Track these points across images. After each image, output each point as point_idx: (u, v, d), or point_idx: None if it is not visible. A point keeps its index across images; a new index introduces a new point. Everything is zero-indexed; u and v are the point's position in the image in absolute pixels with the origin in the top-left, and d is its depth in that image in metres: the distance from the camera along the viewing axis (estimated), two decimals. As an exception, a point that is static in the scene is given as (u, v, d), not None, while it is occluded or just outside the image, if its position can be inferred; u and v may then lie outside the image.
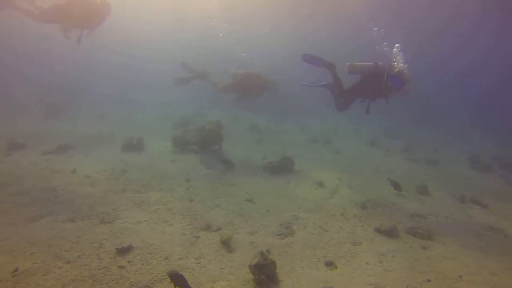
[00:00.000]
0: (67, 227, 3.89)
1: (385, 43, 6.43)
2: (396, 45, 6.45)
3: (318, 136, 11.29)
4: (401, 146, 11.26)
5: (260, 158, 7.77)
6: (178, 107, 15.23)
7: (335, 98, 6.62)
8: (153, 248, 3.65)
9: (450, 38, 25.78)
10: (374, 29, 6.50)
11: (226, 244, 3.90)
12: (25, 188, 5.01)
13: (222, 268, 3.42)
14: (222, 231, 4.25)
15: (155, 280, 3.08)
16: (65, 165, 6.12)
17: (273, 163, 7.01)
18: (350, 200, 5.71)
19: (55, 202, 4.61)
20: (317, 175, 6.88)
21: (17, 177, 5.43)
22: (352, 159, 8.96)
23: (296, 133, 11.81)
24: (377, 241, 4.32)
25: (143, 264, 3.32)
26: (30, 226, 3.91)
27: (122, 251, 3.46)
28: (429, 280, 3.53)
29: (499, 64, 27.71)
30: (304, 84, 6.96)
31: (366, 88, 6.18)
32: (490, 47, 26.07)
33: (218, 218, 4.63)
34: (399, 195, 6.34)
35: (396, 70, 5.90)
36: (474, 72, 28.85)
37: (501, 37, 24.38)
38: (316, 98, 14.83)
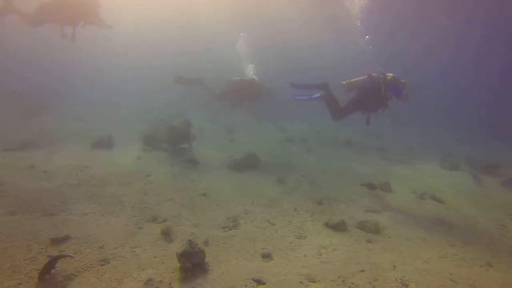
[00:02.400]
0: (2, 220, 3.89)
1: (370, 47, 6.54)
2: (367, 36, 6.57)
3: (295, 136, 11.36)
4: (377, 146, 11.37)
5: (228, 156, 7.80)
6: (163, 109, 15.24)
7: (330, 108, 6.64)
8: (91, 238, 3.69)
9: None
10: (366, 37, 6.61)
11: (166, 234, 3.95)
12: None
13: (155, 257, 3.46)
14: (167, 222, 4.30)
15: (82, 269, 3.11)
16: (24, 161, 6.11)
17: (237, 160, 7.07)
18: (307, 196, 5.77)
19: (-1, 196, 4.58)
20: (280, 173, 6.95)
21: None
22: (322, 157, 9.03)
23: (272, 134, 11.88)
24: (323, 235, 4.38)
25: (75, 253, 3.35)
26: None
27: (57, 241, 3.49)
28: (362, 271, 3.60)
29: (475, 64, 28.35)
30: (296, 98, 6.88)
31: (366, 102, 6.21)
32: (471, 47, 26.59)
33: (167, 211, 4.68)
34: (361, 192, 6.41)
35: (389, 78, 5.97)
36: (450, 72, 29.34)
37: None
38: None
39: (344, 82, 6.20)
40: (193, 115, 14.24)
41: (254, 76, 8.47)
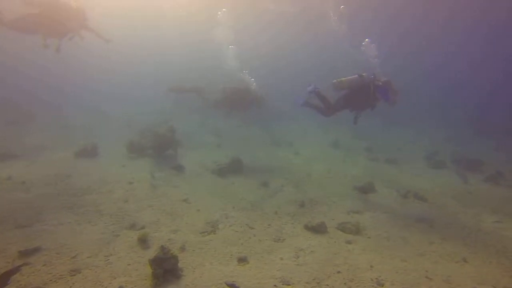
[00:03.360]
0: (-27, 232, 3.83)
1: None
2: (366, 39, 6.65)
3: (282, 139, 11.39)
4: (365, 146, 11.44)
5: (214, 161, 7.79)
6: (153, 116, 15.17)
7: (320, 106, 6.79)
8: (64, 249, 3.64)
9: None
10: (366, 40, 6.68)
11: (143, 241, 3.92)
12: None
13: (128, 265, 3.43)
14: (145, 229, 4.27)
15: (51, 281, 3.06)
16: (1, 172, 6.02)
17: (221, 166, 7.06)
18: (289, 199, 5.78)
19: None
20: (265, 176, 6.95)
21: None
22: (309, 160, 9.06)
23: (260, 137, 11.88)
24: (302, 237, 4.38)
25: (44, 265, 3.30)
26: None
27: (26, 253, 3.43)
28: (339, 272, 3.60)
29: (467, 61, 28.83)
30: (300, 102, 7.01)
31: (354, 100, 6.35)
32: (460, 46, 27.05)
33: (146, 218, 4.64)
34: (344, 193, 6.44)
35: (383, 81, 6.10)
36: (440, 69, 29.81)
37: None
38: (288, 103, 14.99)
39: (335, 80, 6.26)
40: (183, 121, 14.26)
41: (252, 82, 8.54)
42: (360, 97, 6.26)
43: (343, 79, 6.25)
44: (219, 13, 10.34)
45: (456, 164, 9.31)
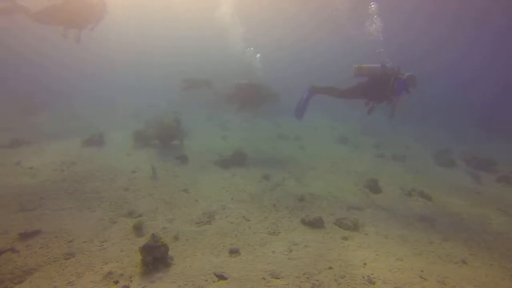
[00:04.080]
0: (-24, 215, 3.98)
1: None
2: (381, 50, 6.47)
3: (289, 133, 11.30)
4: (373, 143, 11.24)
5: (218, 153, 7.81)
6: (162, 108, 15.34)
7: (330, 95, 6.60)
8: (62, 233, 3.74)
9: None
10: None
11: (138, 229, 3.98)
12: None
13: (121, 251, 3.49)
14: (141, 217, 4.34)
15: (45, 263, 3.15)
16: (11, 158, 6.23)
17: (224, 157, 7.07)
18: (289, 193, 5.74)
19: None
20: (267, 169, 6.93)
21: None
22: (315, 154, 8.97)
23: (267, 131, 11.83)
24: (297, 232, 4.35)
25: (41, 247, 3.40)
26: None
27: (26, 236, 3.55)
28: (330, 268, 3.55)
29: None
30: (301, 114, 6.88)
31: (373, 90, 6.13)
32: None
33: (144, 206, 4.72)
34: (347, 188, 6.34)
35: (407, 75, 5.92)
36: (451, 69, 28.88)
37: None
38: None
39: (356, 65, 6.05)
40: (191, 113, 14.37)
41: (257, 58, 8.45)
42: (378, 88, 6.02)
43: (363, 65, 6.02)
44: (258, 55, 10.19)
45: (466, 163, 9.02)
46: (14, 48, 22.64)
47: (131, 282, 2.97)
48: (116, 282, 2.93)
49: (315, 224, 4.53)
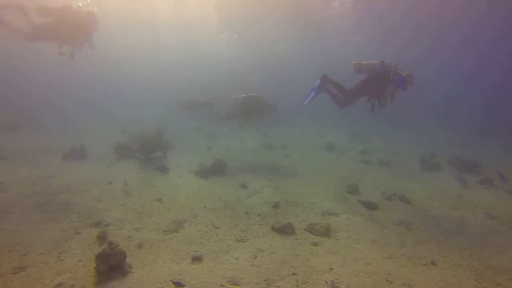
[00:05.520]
0: None
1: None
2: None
3: (277, 142, 11.28)
4: (360, 149, 11.21)
5: (200, 163, 7.77)
6: (150, 121, 15.40)
7: (334, 95, 6.66)
8: (17, 246, 3.65)
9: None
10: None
11: (102, 238, 3.91)
12: None
13: (79, 261, 3.43)
14: (106, 227, 4.28)
15: (-10, 278, 3.07)
16: (-17, 173, 6.19)
17: (204, 167, 7.04)
18: (265, 200, 5.67)
19: None
20: (247, 178, 6.88)
21: None
22: (299, 162, 8.93)
23: (254, 140, 11.82)
24: (266, 238, 4.28)
25: (-10, 262, 3.32)
26: None
27: (-22, 251, 3.47)
28: (294, 274, 3.48)
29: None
30: (305, 102, 6.82)
31: (372, 87, 6.27)
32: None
33: (114, 216, 4.66)
34: (326, 194, 6.28)
35: (405, 73, 6.08)
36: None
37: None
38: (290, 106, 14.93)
39: (354, 61, 6.15)
40: (179, 125, 14.44)
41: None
42: (378, 84, 6.15)
43: (363, 62, 6.14)
44: (235, 36, 10.39)
45: (453, 167, 8.98)
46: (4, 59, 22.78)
47: (81, 292, 2.90)
48: (64, 294, 2.85)
49: (285, 230, 4.46)
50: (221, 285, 3.17)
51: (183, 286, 3.13)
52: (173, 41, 28.51)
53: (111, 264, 3.16)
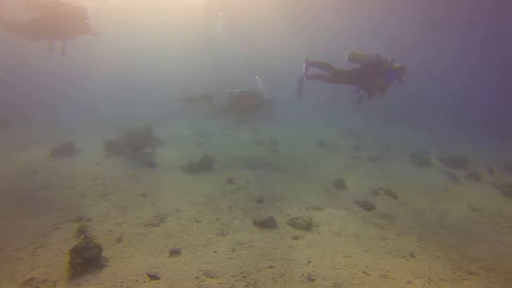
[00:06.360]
0: None
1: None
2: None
3: (268, 139, 11.27)
4: (352, 145, 11.23)
5: (189, 159, 7.75)
6: (144, 117, 15.36)
7: (322, 78, 6.69)
8: (-6, 242, 3.63)
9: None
10: None
11: (81, 233, 3.87)
12: None
13: (55, 256, 3.41)
14: (91, 222, 4.27)
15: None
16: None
17: (191, 163, 7.02)
18: (250, 195, 5.67)
19: None
20: (234, 173, 6.88)
21: None
22: (288, 158, 8.93)
23: (245, 137, 11.80)
24: (246, 232, 4.28)
25: (-37, 258, 3.30)
26: None
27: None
28: (271, 267, 3.49)
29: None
30: (300, 93, 6.95)
31: (364, 78, 6.27)
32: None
33: (96, 211, 4.64)
34: (312, 189, 6.29)
35: (397, 66, 6.12)
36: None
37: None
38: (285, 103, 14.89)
39: (350, 51, 6.15)
40: (173, 122, 14.41)
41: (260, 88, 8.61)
42: (370, 76, 6.16)
43: (359, 52, 6.16)
44: (220, 13, 10.38)
45: (442, 162, 9.01)
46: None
47: (54, 287, 2.89)
48: (35, 289, 2.84)
49: (266, 224, 4.46)
50: (196, 277, 3.17)
51: (158, 278, 3.14)
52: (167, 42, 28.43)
53: (86, 258, 3.16)
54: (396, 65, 6.15)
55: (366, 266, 3.58)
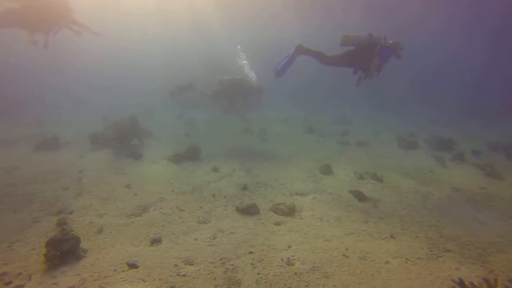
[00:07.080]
0: None
1: None
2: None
3: (257, 127, 11.21)
4: (341, 131, 11.24)
5: (175, 150, 7.70)
6: (132, 109, 15.16)
7: (314, 56, 6.57)
8: (-34, 238, 3.58)
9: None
10: None
11: (61, 226, 3.85)
12: None
13: (32, 249, 3.38)
14: (72, 214, 4.23)
15: None
16: None
17: (178, 152, 6.97)
18: (235, 183, 5.67)
19: None
20: (219, 162, 6.85)
21: None
22: (276, 145, 8.91)
23: (234, 126, 11.71)
24: (229, 219, 4.28)
25: None
26: None
27: None
28: (251, 252, 3.50)
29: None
30: (278, 69, 6.69)
31: (359, 58, 6.20)
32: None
33: (78, 203, 4.60)
34: (298, 176, 6.30)
35: (391, 42, 6.02)
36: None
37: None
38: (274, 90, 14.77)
39: (342, 34, 6.12)
40: (162, 113, 14.25)
41: (251, 75, 8.60)
42: (365, 56, 6.10)
43: (351, 34, 6.10)
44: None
45: (428, 145, 9.08)
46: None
47: (29, 281, 2.87)
48: (9, 283, 2.81)
49: (249, 211, 4.47)
50: (175, 265, 3.18)
51: (137, 267, 3.13)
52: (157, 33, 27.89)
53: (63, 249, 3.14)
54: (390, 41, 6.07)
55: (346, 249, 3.62)
